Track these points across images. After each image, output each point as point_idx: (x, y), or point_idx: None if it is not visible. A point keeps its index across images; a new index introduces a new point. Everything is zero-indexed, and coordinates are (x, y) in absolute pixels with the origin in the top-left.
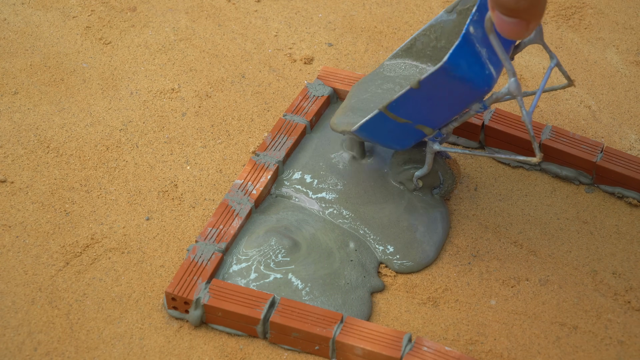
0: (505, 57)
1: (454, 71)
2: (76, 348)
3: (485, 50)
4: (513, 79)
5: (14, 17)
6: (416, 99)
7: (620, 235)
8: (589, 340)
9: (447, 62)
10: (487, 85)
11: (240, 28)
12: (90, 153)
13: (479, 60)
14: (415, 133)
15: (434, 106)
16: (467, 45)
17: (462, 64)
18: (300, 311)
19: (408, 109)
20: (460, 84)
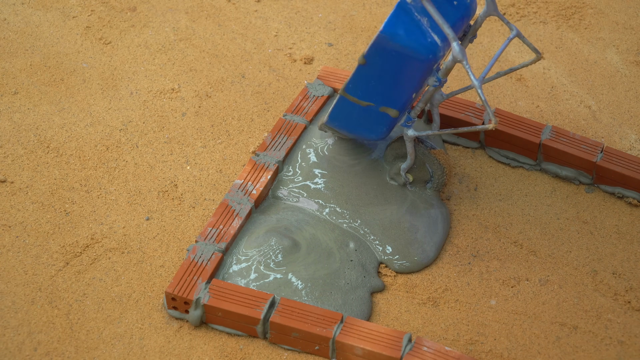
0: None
1: (392, 40)
2: (76, 348)
3: (427, 19)
4: (454, 43)
5: (14, 17)
6: (368, 76)
7: (620, 235)
8: (589, 340)
9: (383, 30)
10: (431, 53)
11: (240, 28)
12: (90, 153)
13: (419, 28)
14: (383, 117)
15: (388, 83)
16: (404, 13)
17: (399, 33)
18: (300, 311)
19: (365, 89)
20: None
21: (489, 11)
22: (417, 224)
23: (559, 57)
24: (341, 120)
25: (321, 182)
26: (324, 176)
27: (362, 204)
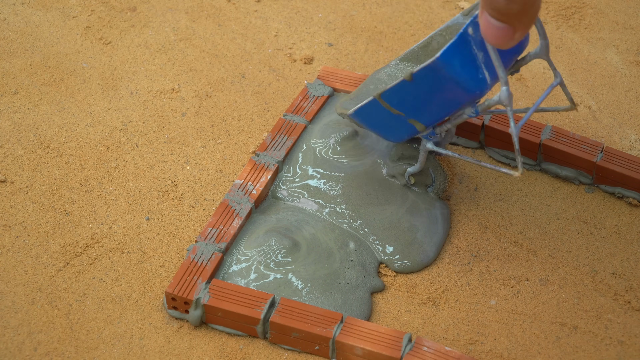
0: (499, 63)
1: (445, 69)
2: (76, 348)
3: (483, 55)
4: (505, 87)
5: (14, 17)
6: (409, 91)
7: (620, 235)
8: (589, 340)
9: (440, 58)
10: (479, 89)
11: (240, 28)
12: (90, 153)
13: (473, 62)
14: (408, 127)
15: (426, 102)
16: (463, 45)
17: (455, 63)
18: (300, 311)
19: (401, 101)
20: (452, 84)
21: (539, 54)
22: (417, 224)
23: (559, 57)
24: (366, 117)
25: (321, 182)
26: (324, 176)
27: (362, 204)
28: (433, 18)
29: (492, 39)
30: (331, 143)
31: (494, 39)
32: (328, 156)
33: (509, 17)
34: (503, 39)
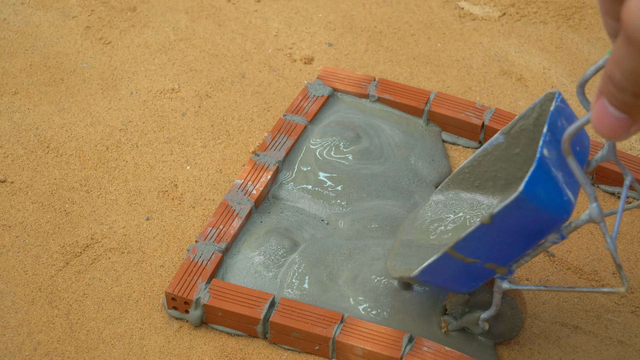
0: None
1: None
2: (76, 348)
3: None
4: (595, 204)
5: (14, 17)
6: (487, 235)
7: (620, 235)
8: (589, 340)
9: (524, 191)
10: (566, 213)
11: (240, 28)
12: (90, 153)
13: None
14: (484, 272)
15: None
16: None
17: (539, 193)
18: (300, 311)
19: (477, 248)
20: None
21: (607, 156)
22: None
23: (559, 57)
24: (434, 274)
25: (322, 183)
26: (325, 177)
27: (363, 205)
28: (433, 18)
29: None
30: (333, 145)
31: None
32: (330, 157)
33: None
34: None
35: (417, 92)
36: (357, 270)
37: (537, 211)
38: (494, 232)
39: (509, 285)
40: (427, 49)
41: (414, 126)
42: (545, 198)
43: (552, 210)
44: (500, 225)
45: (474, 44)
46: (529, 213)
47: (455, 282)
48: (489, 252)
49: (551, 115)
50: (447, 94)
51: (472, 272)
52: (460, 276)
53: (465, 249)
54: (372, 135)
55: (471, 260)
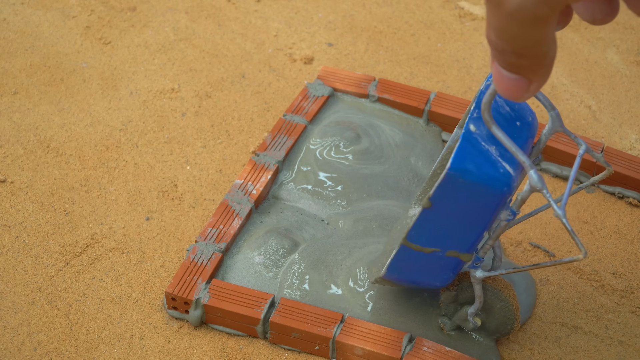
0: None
1: (462, 176)
2: (76, 348)
3: (495, 148)
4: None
5: (13, 17)
6: (434, 220)
7: (620, 235)
8: (589, 340)
9: (451, 167)
10: (505, 185)
11: (240, 28)
12: (90, 153)
13: (488, 159)
14: (450, 262)
15: (456, 224)
16: (471, 145)
17: (469, 167)
18: (300, 311)
19: (430, 235)
20: (474, 190)
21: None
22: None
23: (559, 57)
24: (401, 271)
25: (322, 183)
26: (325, 177)
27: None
28: (433, 18)
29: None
30: (334, 145)
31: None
32: (330, 157)
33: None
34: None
35: (417, 92)
36: (357, 270)
37: (472, 186)
38: (439, 216)
39: (482, 274)
40: (427, 49)
41: (414, 126)
42: (477, 172)
43: (488, 183)
44: (442, 207)
45: (474, 44)
46: (465, 189)
47: (426, 277)
48: (443, 239)
49: (479, 94)
50: (447, 94)
51: (438, 263)
52: (427, 269)
53: (419, 238)
54: (372, 135)
55: (430, 250)
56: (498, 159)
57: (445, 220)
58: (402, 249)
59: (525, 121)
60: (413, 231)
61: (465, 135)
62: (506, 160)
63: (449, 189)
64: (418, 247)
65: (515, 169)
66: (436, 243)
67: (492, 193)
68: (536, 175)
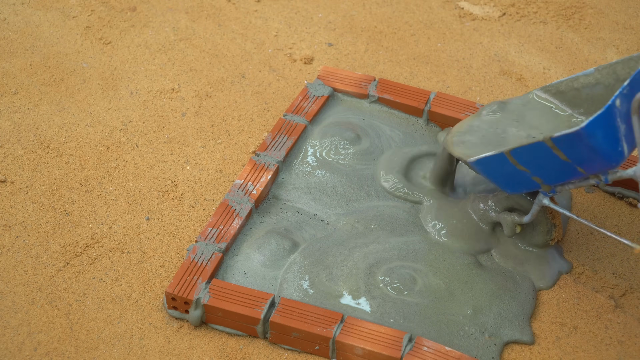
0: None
1: (588, 139)
2: (76, 348)
3: (625, 127)
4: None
5: (14, 17)
6: (542, 153)
7: (620, 235)
8: (589, 340)
9: (585, 128)
10: (616, 162)
11: (240, 28)
12: (90, 153)
13: (616, 135)
14: (530, 183)
15: (558, 164)
16: (609, 117)
17: (598, 135)
18: (300, 311)
19: (530, 160)
20: (590, 153)
21: None
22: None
23: (559, 57)
24: (488, 168)
25: (322, 183)
26: (325, 177)
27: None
28: (433, 18)
29: None
30: (333, 145)
31: None
32: (330, 157)
33: None
34: None
35: (417, 92)
36: (356, 270)
37: (590, 150)
38: (549, 153)
39: (548, 202)
40: (427, 49)
41: (414, 126)
42: (602, 142)
43: (605, 154)
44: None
45: (474, 44)
46: (582, 149)
47: (503, 181)
48: (539, 167)
49: (637, 73)
50: (447, 94)
51: (520, 178)
52: (508, 177)
53: (521, 156)
54: (372, 136)
55: (522, 168)
56: (622, 137)
57: (552, 159)
58: (500, 155)
59: None
60: (520, 150)
61: (609, 107)
62: (627, 142)
63: (571, 141)
64: (515, 161)
65: (630, 151)
66: (531, 167)
67: (603, 162)
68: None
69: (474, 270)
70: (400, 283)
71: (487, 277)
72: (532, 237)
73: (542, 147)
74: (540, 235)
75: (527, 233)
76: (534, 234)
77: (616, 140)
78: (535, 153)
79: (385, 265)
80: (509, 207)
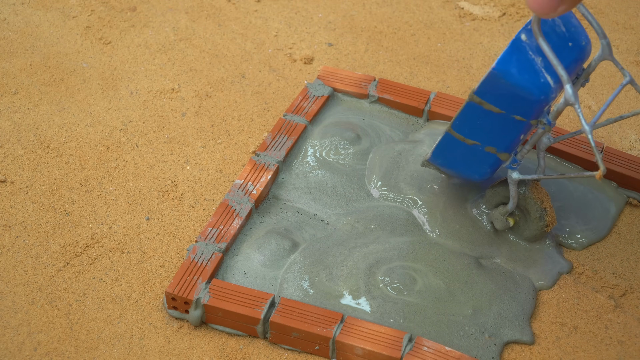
0: (557, 62)
1: (504, 77)
2: (76, 348)
3: (541, 59)
4: (567, 85)
5: (14, 17)
6: (476, 113)
7: (620, 235)
8: (589, 340)
9: (496, 67)
10: (543, 94)
11: (240, 28)
12: (90, 153)
13: (532, 67)
14: (488, 157)
15: (497, 122)
16: (518, 51)
17: (512, 71)
18: (300, 311)
19: (472, 127)
20: (513, 91)
21: (603, 55)
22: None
23: None
24: (445, 157)
25: (322, 183)
26: (325, 177)
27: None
28: (433, 18)
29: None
30: (333, 145)
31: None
32: (330, 157)
33: None
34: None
35: (417, 92)
36: (356, 270)
37: (512, 88)
38: (480, 110)
39: (518, 176)
40: (427, 49)
41: (414, 126)
42: (518, 76)
43: (527, 88)
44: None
45: (474, 44)
46: (505, 90)
47: (466, 168)
48: (483, 133)
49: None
50: (447, 94)
51: (477, 157)
52: (467, 160)
53: (462, 128)
54: (372, 136)
55: (471, 142)
56: (542, 69)
57: (486, 116)
58: (447, 136)
59: (578, 44)
60: (457, 120)
61: (514, 42)
62: (549, 73)
63: (491, 86)
64: (461, 137)
65: (556, 82)
66: (477, 136)
67: (530, 99)
68: (571, 89)
69: (474, 270)
70: (400, 283)
71: (487, 277)
72: (526, 230)
73: (474, 107)
74: (533, 224)
75: (521, 226)
76: (527, 225)
77: (534, 72)
78: (472, 117)
79: (385, 265)
80: (499, 203)
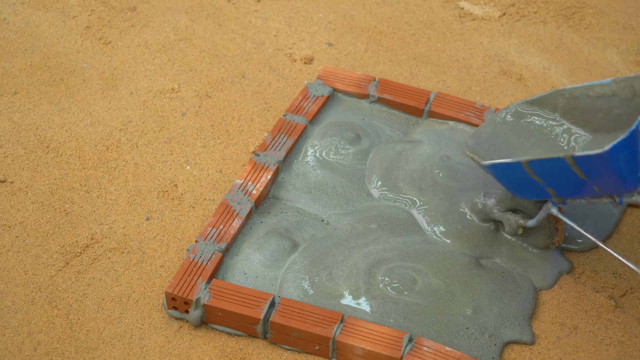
0: None
1: (610, 162)
2: (76, 348)
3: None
4: None
5: (14, 17)
6: (560, 168)
7: (620, 235)
8: (589, 340)
9: (608, 152)
10: (633, 186)
11: (240, 28)
12: (90, 153)
13: (636, 159)
14: (542, 192)
15: (574, 181)
16: (632, 142)
17: (620, 159)
18: (300, 311)
19: (547, 173)
20: (610, 176)
21: None
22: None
23: (559, 57)
24: (501, 173)
25: (322, 183)
26: (325, 177)
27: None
28: (433, 18)
29: None
30: (332, 145)
31: None
32: (329, 157)
33: None
34: None
35: (417, 92)
36: (356, 270)
37: (610, 172)
38: (567, 170)
39: (556, 212)
40: (427, 49)
41: (414, 126)
42: (623, 166)
43: (624, 178)
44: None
45: (474, 44)
46: (602, 170)
47: (514, 186)
48: (554, 180)
49: None
50: (447, 94)
51: (532, 187)
52: (521, 184)
53: (537, 168)
54: (372, 136)
55: (537, 179)
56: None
57: (569, 176)
58: (517, 164)
59: None
60: (538, 163)
61: (632, 132)
62: None
63: (592, 163)
64: (530, 172)
65: None
66: (545, 179)
67: (621, 186)
68: None
69: (474, 270)
70: (400, 283)
71: (487, 277)
72: (533, 239)
73: (561, 163)
74: (541, 238)
75: (529, 235)
76: (535, 236)
77: (636, 165)
78: (553, 167)
79: (385, 266)
80: (513, 208)
